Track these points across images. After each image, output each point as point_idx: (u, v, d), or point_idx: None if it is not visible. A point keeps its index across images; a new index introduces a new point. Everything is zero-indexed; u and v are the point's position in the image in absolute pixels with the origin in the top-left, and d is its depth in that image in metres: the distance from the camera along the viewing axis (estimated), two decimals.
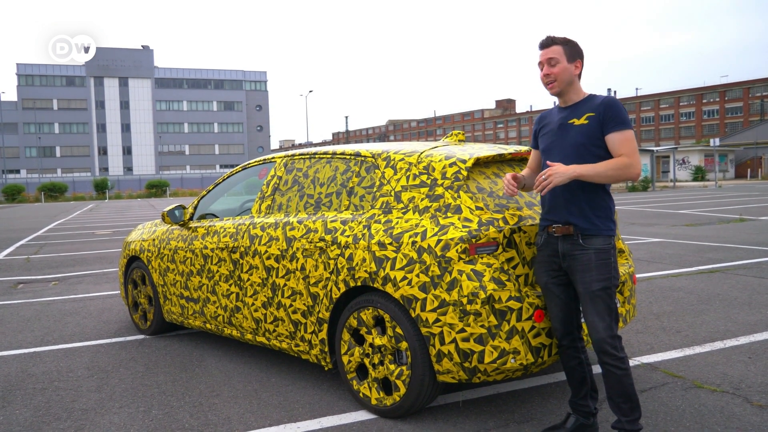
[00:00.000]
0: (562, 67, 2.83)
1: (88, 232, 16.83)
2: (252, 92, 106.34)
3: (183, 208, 4.98)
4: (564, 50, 2.84)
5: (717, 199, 23.33)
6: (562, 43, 2.85)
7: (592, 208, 2.80)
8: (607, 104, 2.77)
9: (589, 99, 2.87)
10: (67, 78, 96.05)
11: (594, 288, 2.75)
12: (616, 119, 2.74)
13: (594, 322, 2.76)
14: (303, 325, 3.75)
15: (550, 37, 2.88)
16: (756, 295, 5.99)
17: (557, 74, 2.83)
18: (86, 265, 9.97)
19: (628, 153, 2.71)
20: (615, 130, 2.74)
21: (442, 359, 3.04)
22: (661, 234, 11.83)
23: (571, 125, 2.84)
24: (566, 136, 2.85)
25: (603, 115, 2.75)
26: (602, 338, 2.74)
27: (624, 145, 2.72)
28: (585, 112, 2.81)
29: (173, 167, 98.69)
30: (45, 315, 6.22)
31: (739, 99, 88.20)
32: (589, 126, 2.78)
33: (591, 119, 2.78)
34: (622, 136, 2.73)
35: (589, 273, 2.76)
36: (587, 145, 2.78)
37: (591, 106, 2.81)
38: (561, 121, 2.89)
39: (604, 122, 2.75)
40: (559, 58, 2.83)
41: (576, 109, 2.86)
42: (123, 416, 3.50)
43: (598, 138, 2.78)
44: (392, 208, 3.39)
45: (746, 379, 3.74)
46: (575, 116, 2.84)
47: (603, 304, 2.76)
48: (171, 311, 4.99)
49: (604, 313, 2.75)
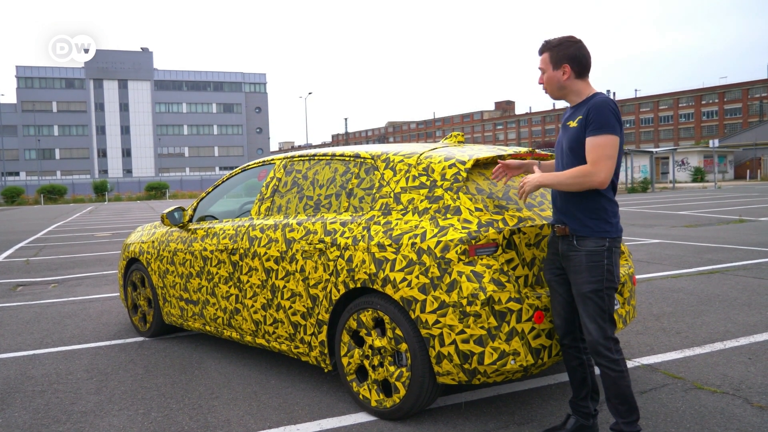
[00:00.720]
0: (547, 76, 2.88)
1: (88, 234, 16.82)
2: (251, 94, 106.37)
3: (182, 210, 4.97)
4: (550, 57, 2.84)
5: (716, 200, 23.34)
6: (549, 48, 2.86)
7: (584, 210, 2.78)
8: (592, 107, 2.72)
9: (588, 100, 2.84)
10: (67, 80, 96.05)
11: (584, 290, 2.75)
12: (594, 123, 2.69)
13: (585, 324, 2.77)
14: (302, 327, 3.75)
15: (543, 43, 2.90)
16: (756, 296, 5.99)
17: (545, 83, 2.91)
18: (85, 267, 9.97)
19: (592, 160, 2.67)
20: (590, 134, 2.70)
21: (441, 361, 3.04)
22: (660, 235, 11.83)
23: (568, 127, 2.86)
24: (564, 138, 2.88)
25: (586, 118, 2.73)
26: (594, 340, 2.74)
27: (592, 152, 2.68)
28: (578, 115, 2.81)
29: (173, 169, 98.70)
30: (44, 317, 6.22)
31: (739, 100, 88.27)
32: (577, 129, 2.78)
33: (580, 122, 2.78)
34: (594, 141, 2.68)
35: (581, 275, 2.76)
36: (577, 148, 2.78)
37: (584, 108, 2.81)
38: (563, 122, 2.94)
39: (586, 125, 2.73)
40: (545, 66, 2.87)
41: (576, 110, 2.86)
42: (122, 418, 3.49)
43: (584, 141, 2.77)
44: (392, 210, 3.39)
45: (746, 380, 3.74)
46: (572, 118, 2.85)
47: (594, 307, 2.75)
48: (170, 313, 4.99)
49: (595, 315, 2.74)
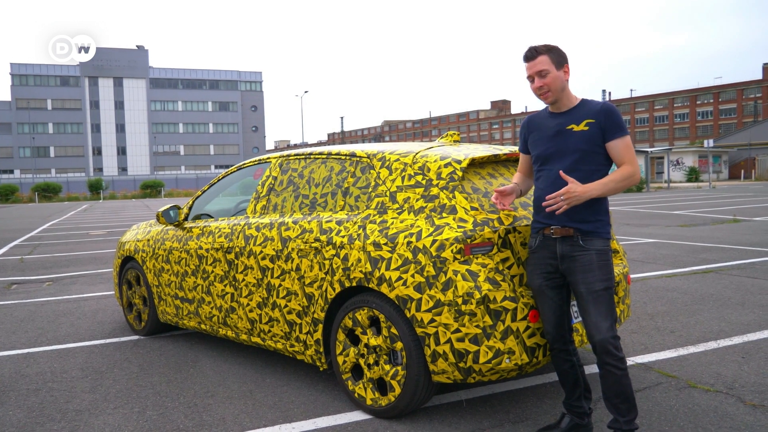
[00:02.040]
0: (553, 76, 2.83)
1: (83, 232, 16.77)
2: (247, 93, 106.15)
3: (178, 209, 4.96)
4: (550, 58, 2.83)
5: (711, 200, 23.42)
6: (547, 51, 2.84)
7: (593, 212, 2.82)
8: (607, 111, 2.80)
9: (583, 104, 2.87)
10: (62, 78, 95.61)
11: (597, 288, 2.76)
12: (617, 127, 2.79)
13: (597, 323, 2.75)
14: (298, 326, 3.75)
15: (532, 48, 2.85)
16: (749, 296, 6.02)
17: (550, 84, 2.83)
18: (80, 265, 9.94)
19: (630, 161, 2.79)
20: (617, 137, 2.79)
21: (437, 359, 3.04)
22: (655, 234, 11.87)
23: (571, 131, 2.83)
24: (567, 143, 2.84)
25: (604, 123, 2.79)
26: (605, 338, 2.73)
27: (626, 152, 2.80)
28: (584, 118, 2.82)
29: (168, 168, 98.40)
30: (39, 316, 6.20)
31: (733, 100, 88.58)
32: (590, 132, 2.80)
33: (591, 126, 2.80)
34: (624, 143, 2.80)
35: (592, 273, 2.77)
36: (588, 151, 2.80)
37: (589, 113, 2.82)
38: (558, 128, 2.88)
39: (606, 130, 2.79)
40: (548, 68, 2.82)
41: (572, 114, 2.86)
42: (117, 417, 3.49)
43: (599, 145, 2.81)
44: (387, 209, 3.40)
45: (740, 378, 3.76)
46: (573, 122, 2.84)
47: (606, 305, 2.76)
48: (166, 312, 4.98)
49: (606, 314, 2.76)
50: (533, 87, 2.87)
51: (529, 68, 2.86)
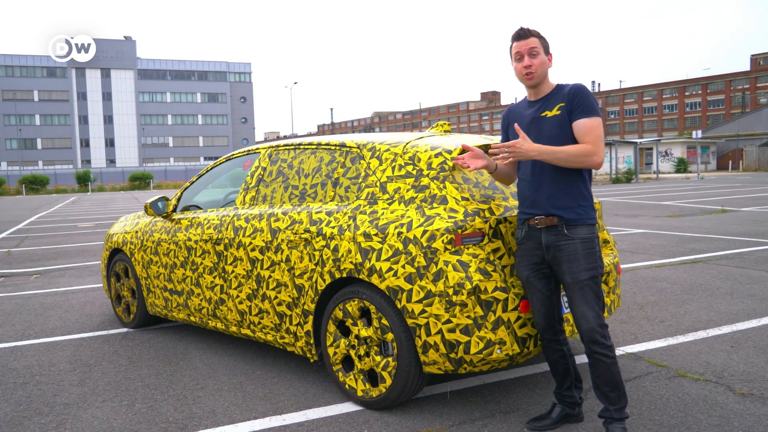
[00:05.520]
0: (541, 59, 2.83)
1: (71, 224, 16.63)
2: (236, 84, 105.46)
3: (166, 200, 4.92)
4: (541, 43, 2.84)
5: (699, 190, 23.58)
6: (537, 35, 2.85)
7: (574, 199, 2.80)
8: (574, 91, 2.77)
9: (558, 89, 2.86)
10: (48, 69, 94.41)
11: (583, 277, 2.76)
12: (582, 106, 2.74)
13: (584, 312, 2.76)
14: (288, 317, 3.73)
15: (525, 29, 2.84)
16: (738, 285, 6.06)
17: (537, 66, 2.82)
18: (68, 258, 9.85)
19: (592, 141, 2.72)
20: (581, 117, 2.74)
21: (428, 350, 3.03)
22: (644, 225, 11.93)
23: (545, 118, 2.83)
24: (541, 129, 2.83)
25: (571, 104, 2.76)
26: (592, 327, 2.74)
27: (590, 133, 2.73)
28: (557, 103, 2.81)
29: (157, 159, 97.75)
30: (26, 309, 6.14)
31: (721, 92, 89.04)
32: (561, 116, 2.78)
33: (562, 109, 2.79)
34: (588, 123, 2.73)
35: (577, 263, 2.76)
36: (560, 135, 2.78)
37: (561, 96, 2.81)
38: (533, 115, 2.87)
39: (572, 109, 2.76)
40: (539, 49, 2.82)
41: (547, 101, 2.85)
42: (106, 410, 3.46)
43: (570, 127, 2.77)
44: (378, 199, 3.37)
45: (729, 367, 3.78)
46: (547, 108, 2.83)
47: (592, 293, 2.76)
48: (154, 304, 4.94)
49: (593, 302, 2.76)
50: (520, 66, 2.83)
51: (520, 46, 2.83)
